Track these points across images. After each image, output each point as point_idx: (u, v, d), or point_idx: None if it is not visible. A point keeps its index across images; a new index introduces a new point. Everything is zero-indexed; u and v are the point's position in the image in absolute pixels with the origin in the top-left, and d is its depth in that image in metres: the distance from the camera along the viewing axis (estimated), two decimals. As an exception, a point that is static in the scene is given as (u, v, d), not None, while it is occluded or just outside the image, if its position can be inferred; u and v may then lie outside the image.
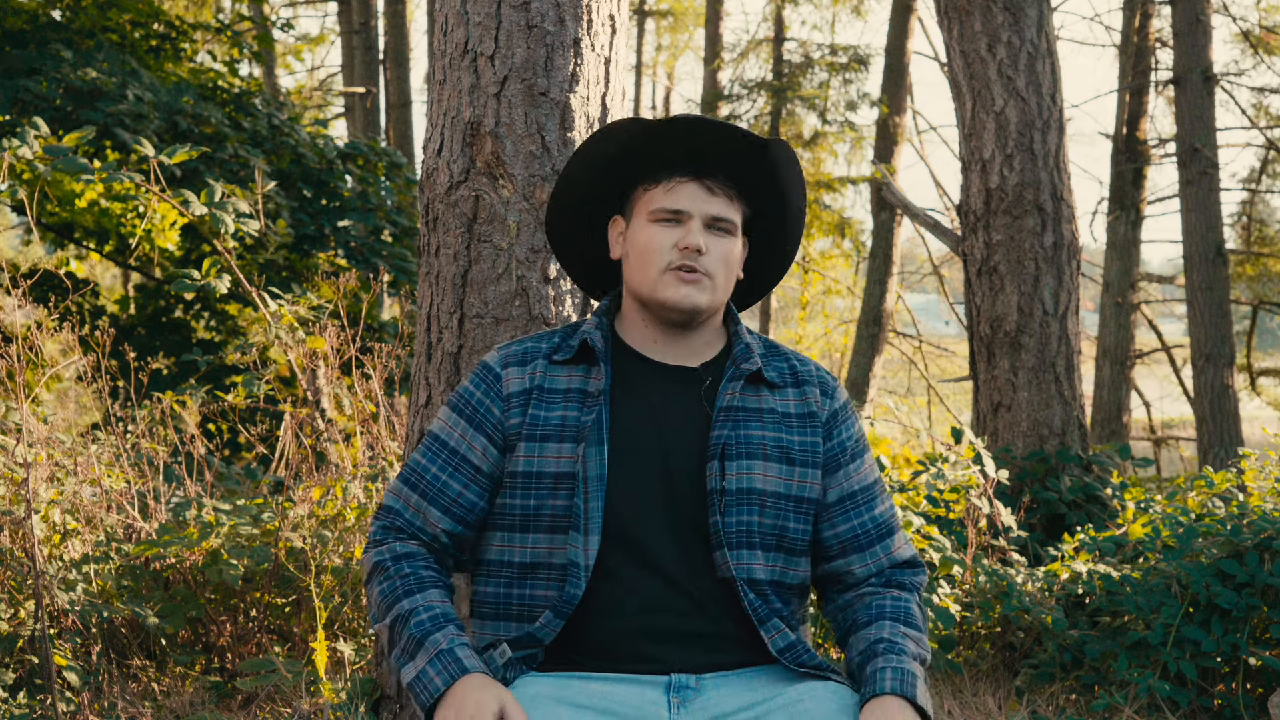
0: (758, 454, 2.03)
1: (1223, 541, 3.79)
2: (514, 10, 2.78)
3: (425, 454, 2.08)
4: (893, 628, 1.99)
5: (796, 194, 2.15)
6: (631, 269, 2.09)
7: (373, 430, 4.35)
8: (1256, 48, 12.60)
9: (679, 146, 2.06)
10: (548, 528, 2.00)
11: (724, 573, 1.98)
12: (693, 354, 2.10)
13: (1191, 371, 10.67)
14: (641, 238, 2.07)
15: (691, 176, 2.05)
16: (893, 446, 8.39)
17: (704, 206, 2.05)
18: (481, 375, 2.10)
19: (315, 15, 32.72)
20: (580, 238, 2.21)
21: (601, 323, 2.11)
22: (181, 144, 4.15)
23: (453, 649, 1.88)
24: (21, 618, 3.57)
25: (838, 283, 17.49)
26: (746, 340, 2.12)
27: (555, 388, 2.06)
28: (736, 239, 2.09)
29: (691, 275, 2.03)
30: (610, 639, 1.96)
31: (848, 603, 2.08)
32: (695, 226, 2.04)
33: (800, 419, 2.10)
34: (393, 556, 2.01)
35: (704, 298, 2.04)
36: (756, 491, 2.01)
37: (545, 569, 2.01)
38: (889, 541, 2.11)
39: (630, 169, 2.10)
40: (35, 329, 3.92)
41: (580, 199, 2.16)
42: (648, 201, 2.07)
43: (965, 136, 5.49)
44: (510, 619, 2.04)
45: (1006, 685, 3.90)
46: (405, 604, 1.95)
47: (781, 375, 2.13)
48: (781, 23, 16.22)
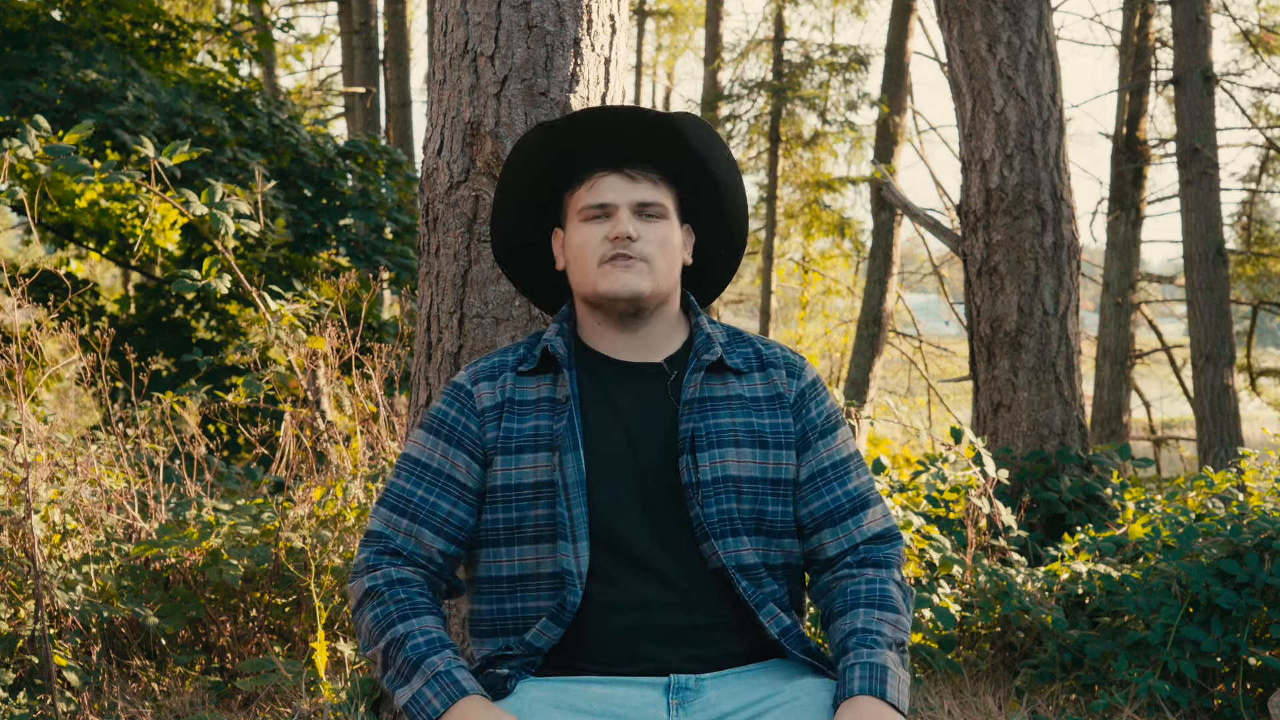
0: (729, 441, 2.03)
1: (1223, 541, 3.79)
2: (514, 10, 2.78)
3: (407, 479, 2.06)
4: (866, 615, 1.97)
5: (723, 168, 2.14)
6: (573, 272, 2.10)
7: (373, 430, 4.35)
8: (1256, 48, 12.60)
9: (590, 142, 2.07)
10: (532, 538, 2.00)
11: (714, 563, 1.99)
12: (654, 349, 2.10)
13: (1191, 371, 10.67)
14: (575, 238, 2.08)
15: (611, 168, 2.07)
16: (893, 446, 8.39)
17: (628, 194, 2.06)
18: (453, 394, 2.09)
19: (315, 15, 32.72)
20: (528, 259, 2.22)
21: (562, 329, 2.12)
22: (181, 145, 4.15)
23: (450, 671, 1.87)
24: (21, 618, 3.57)
25: (838, 283, 17.49)
26: (708, 330, 2.12)
27: (525, 399, 2.06)
28: (670, 221, 2.09)
29: (626, 262, 2.03)
30: (607, 641, 1.96)
31: (826, 586, 2.07)
32: (623, 215, 2.05)
33: (769, 401, 2.09)
34: (387, 582, 1.99)
35: (644, 283, 2.04)
36: (732, 478, 2.01)
37: (534, 579, 2.00)
38: (862, 515, 2.08)
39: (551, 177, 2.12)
40: (35, 329, 3.92)
41: (518, 221, 2.18)
42: (575, 203, 2.09)
43: (965, 136, 5.49)
44: (506, 633, 2.03)
45: (1006, 685, 3.90)
46: (400, 628, 1.92)
47: (746, 360, 2.13)
48: (781, 23, 16.21)
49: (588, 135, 2.07)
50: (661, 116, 2.05)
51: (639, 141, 2.07)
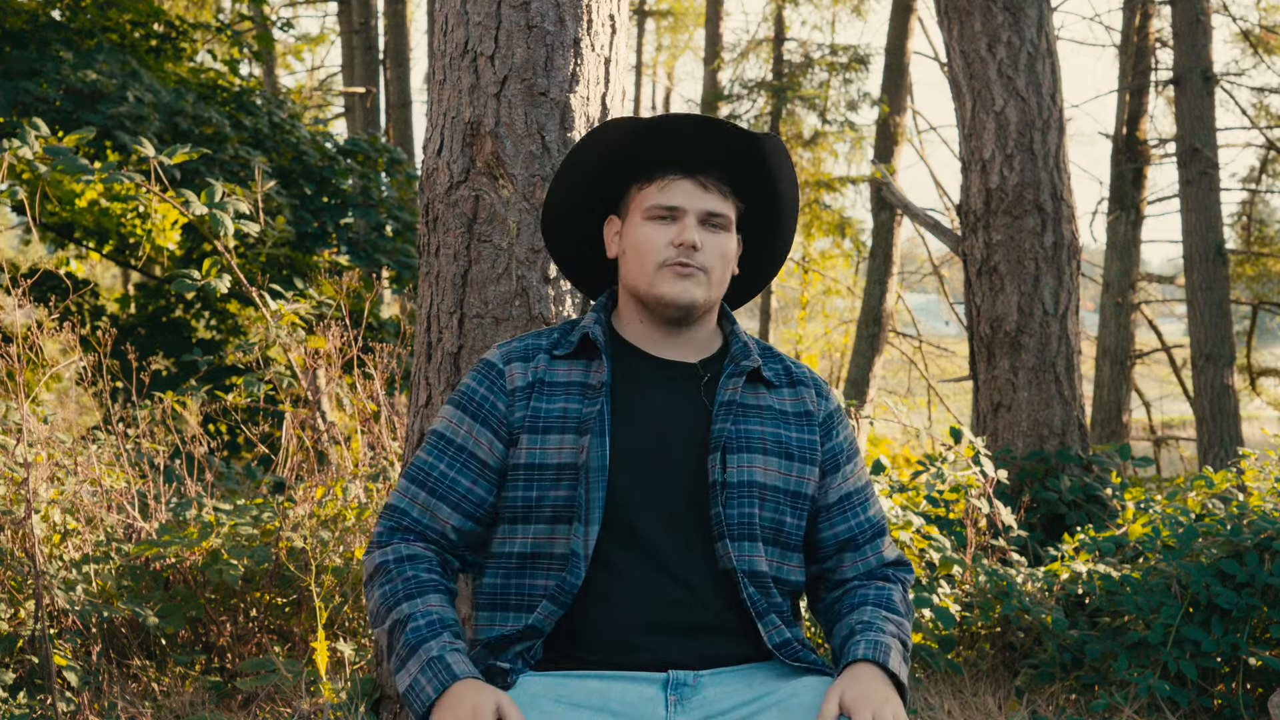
0: (757, 449, 2.06)
1: (1223, 541, 3.79)
2: (514, 10, 2.79)
3: (431, 452, 2.09)
4: (873, 611, 2.03)
5: (789, 188, 2.18)
6: (628, 266, 2.11)
7: (374, 430, 4.35)
8: (1256, 48, 12.60)
9: (672, 145, 2.08)
10: (549, 518, 2.02)
11: (725, 564, 2.00)
12: (691, 350, 2.13)
13: (1191, 371, 10.67)
14: (638, 235, 2.09)
15: (685, 174, 2.08)
16: (893, 446, 8.39)
17: (698, 203, 2.07)
18: (484, 372, 2.11)
19: (315, 15, 32.67)
20: (576, 238, 2.23)
21: (600, 318, 2.13)
22: (182, 145, 4.15)
23: (443, 656, 1.88)
24: (21, 618, 3.57)
25: (838, 283, 17.50)
26: (744, 339, 2.16)
27: (556, 380, 2.08)
28: (731, 235, 2.11)
29: (686, 270, 2.05)
30: (607, 630, 1.97)
31: (835, 599, 2.12)
32: (690, 222, 2.06)
33: (797, 417, 2.13)
34: (396, 558, 2.01)
35: (700, 293, 2.07)
36: (757, 484, 2.04)
37: (546, 559, 2.02)
38: (879, 542, 2.16)
39: (623, 169, 2.12)
40: (35, 329, 3.92)
41: (575, 200, 2.18)
42: (642, 199, 2.10)
43: (965, 136, 5.49)
44: (509, 609, 2.04)
45: (1006, 685, 3.90)
46: (405, 608, 1.94)
47: (777, 375, 2.17)
48: (781, 23, 16.22)
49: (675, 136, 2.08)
50: (746, 134, 2.07)
51: (721, 155, 2.09)
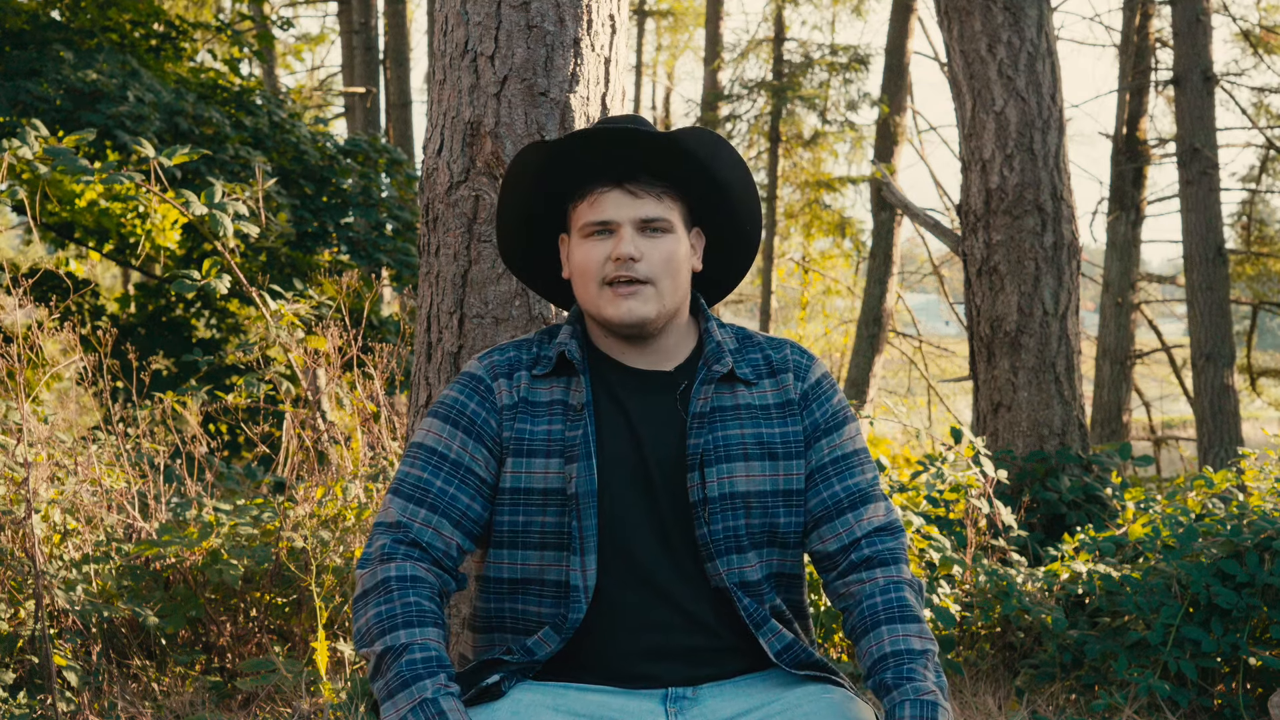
0: (738, 455, 1.99)
1: (1223, 541, 3.79)
2: (514, 10, 2.79)
3: (423, 468, 1.98)
4: (890, 632, 1.92)
5: (732, 171, 2.07)
6: (576, 287, 2.05)
7: (374, 430, 4.35)
8: (1256, 47, 12.60)
9: (592, 158, 2.00)
10: (537, 544, 1.97)
11: (717, 582, 1.96)
12: (665, 357, 2.06)
13: (1191, 371, 10.67)
14: (577, 255, 2.03)
15: (612, 184, 2.00)
16: (893, 446, 8.38)
17: (630, 211, 1.99)
18: (472, 386, 2.03)
19: (315, 15, 32.72)
20: (534, 260, 2.17)
21: (575, 330, 2.07)
22: (182, 145, 4.16)
23: (437, 699, 1.78)
24: (21, 618, 3.57)
25: (838, 283, 17.50)
26: (718, 338, 2.07)
27: (539, 400, 2.02)
28: (676, 235, 2.02)
29: (628, 288, 1.97)
30: (608, 658, 1.94)
31: (839, 590, 2.02)
32: (626, 234, 1.98)
33: (779, 409, 2.05)
34: (400, 576, 1.89)
35: (649, 308, 1.99)
36: (740, 494, 1.97)
37: (537, 585, 1.97)
38: (862, 509, 2.02)
39: (558, 188, 2.06)
40: (36, 329, 3.92)
41: (521, 225, 2.12)
42: (578, 218, 2.03)
43: (965, 136, 5.49)
44: (505, 630, 2.01)
45: (1006, 685, 3.90)
46: (402, 635, 1.83)
47: (755, 369, 2.07)
48: (781, 23, 16.23)
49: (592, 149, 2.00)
50: (660, 137, 1.98)
51: (644, 157, 2.00)
